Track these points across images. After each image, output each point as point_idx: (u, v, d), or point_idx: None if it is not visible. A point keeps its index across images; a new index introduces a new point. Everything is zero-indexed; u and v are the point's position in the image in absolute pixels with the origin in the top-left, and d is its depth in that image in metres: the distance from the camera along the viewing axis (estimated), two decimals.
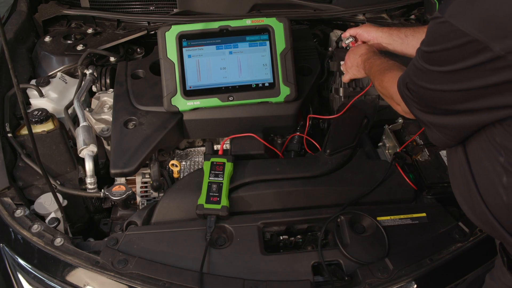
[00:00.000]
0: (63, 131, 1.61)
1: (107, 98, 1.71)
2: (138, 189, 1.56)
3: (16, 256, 1.30)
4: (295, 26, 1.98)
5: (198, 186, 1.38)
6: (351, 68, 1.53)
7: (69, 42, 1.90)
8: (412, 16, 2.12)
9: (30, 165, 1.48)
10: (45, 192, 1.43)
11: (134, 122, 1.54)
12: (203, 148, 1.74)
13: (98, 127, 1.64)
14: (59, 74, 1.80)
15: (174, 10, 1.95)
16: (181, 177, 1.58)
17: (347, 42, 1.64)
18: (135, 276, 1.20)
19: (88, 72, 1.78)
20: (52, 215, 1.38)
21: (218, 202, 1.33)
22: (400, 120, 1.65)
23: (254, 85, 1.55)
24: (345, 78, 1.59)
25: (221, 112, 1.56)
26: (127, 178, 1.58)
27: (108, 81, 1.77)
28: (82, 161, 1.50)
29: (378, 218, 1.34)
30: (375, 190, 1.42)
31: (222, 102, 1.53)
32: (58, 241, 1.27)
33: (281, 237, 1.37)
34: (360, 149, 1.57)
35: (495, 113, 0.87)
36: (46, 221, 1.36)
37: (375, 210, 1.36)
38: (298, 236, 1.38)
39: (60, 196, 1.37)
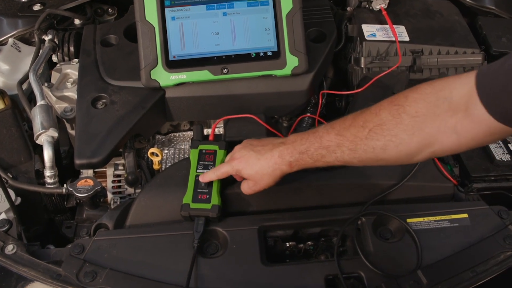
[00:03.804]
0: (16, 111, 1.59)
1: (71, 70, 1.69)
2: (109, 183, 1.56)
3: None
4: None
5: (184, 180, 1.37)
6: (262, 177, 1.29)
7: (23, 0, 1.87)
8: None
9: None
10: None
11: (104, 101, 1.53)
12: (190, 133, 1.74)
13: (60, 106, 1.62)
14: (11, 40, 1.79)
15: None
16: (163, 168, 1.58)
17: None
18: None
19: (47, 38, 1.76)
20: (2, 216, 1.36)
21: (208, 201, 1.32)
22: None
23: (254, 55, 1.54)
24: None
25: (212, 88, 1.55)
26: (96, 170, 1.58)
27: (72, 49, 1.76)
28: (39, 148, 1.49)
29: (408, 220, 1.33)
30: (405, 185, 1.41)
31: (213, 76, 1.52)
32: (10, 248, 1.26)
33: (287, 244, 1.36)
34: None
35: None
36: None
37: (404, 210, 1.35)
38: (309, 243, 1.37)
39: (12, 193, 1.36)
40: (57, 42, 1.77)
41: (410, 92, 1.07)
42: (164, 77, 1.51)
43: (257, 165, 1.25)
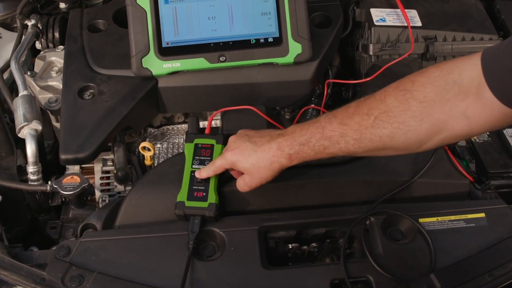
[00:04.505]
0: None
1: (56, 58, 1.69)
2: (97, 180, 1.56)
3: None
4: None
5: (178, 177, 1.36)
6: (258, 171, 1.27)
7: None
8: None
9: None
10: None
11: (92, 91, 1.53)
12: (184, 126, 1.73)
13: (44, 97, 1.62)
14: None
15: None
16: (155, 164, 1.57)
17: None
18: None
19: (30, 23, 1.75)
20: None
21: (205, 199, 1.31)
22: None
23: (254, 41, 1.53)
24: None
25: (209, 77, 1.54)
26: (83, 166, 1.58)
27: (57, 35, 1.76)
28: (22, 143, 1.48)
29: (421, 220, 1.32)
30: (417, 182, 1.41)
31: (210, 64, 1.51)
32: None
33: (289, 245, 1.36)
34: None
35: None
36: None
37: (416, 209, 1.35)
38: (313, 244, 1.37)
39: None
40: (40, 28, 1.76)
41: (416, 76, 1.07)
42: (156, 65, 1.50)
43: (253, 157, 1.24)
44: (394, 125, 1.07)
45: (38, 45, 1.77)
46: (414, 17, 1.72)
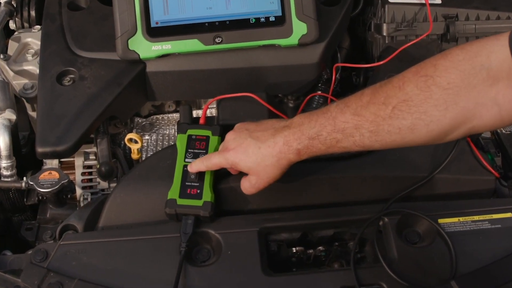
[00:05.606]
0: None
1: (32, 39, 1.70)
2: (78, 176, 1.56)
3: None
4: None
5: (169, 172, 1.36)
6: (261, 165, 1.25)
7: None
8: None
9: None
10: None
11: (72, 76, 1.53)
12: (176, 115, 1.73)
13: (19, 83, 1.63)
14: None
15: None
16: (144, 158, 1.58)
17: None
18: None
19: (3, 0, 1.75)
20: None
21: (199, 196, 1.31)
22: None
23: (254, 20, 1.53)
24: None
25: (203, 61, 1.55)
26: (62, 160, 1.57)
27: (33, 13, 1.77)
28: None
29: (440, 221, 1.31)
30: (436, 178, 1.40)
31: (205, 46, 1.51)
32: None
33: (293, 249, 1.36)
34: None
35: None
36: None
37: (435, 208, 1.34)
38: (320, 248, 1.36)
39: None
40: (15, 5, 1.76)
41: (439, 60, 1.06)
42: (144, 48, 1.50)
43: (257, 155, 1.23)
44: (414, 116, 1.06)
45: (12, 25, 1.78)
46: None
